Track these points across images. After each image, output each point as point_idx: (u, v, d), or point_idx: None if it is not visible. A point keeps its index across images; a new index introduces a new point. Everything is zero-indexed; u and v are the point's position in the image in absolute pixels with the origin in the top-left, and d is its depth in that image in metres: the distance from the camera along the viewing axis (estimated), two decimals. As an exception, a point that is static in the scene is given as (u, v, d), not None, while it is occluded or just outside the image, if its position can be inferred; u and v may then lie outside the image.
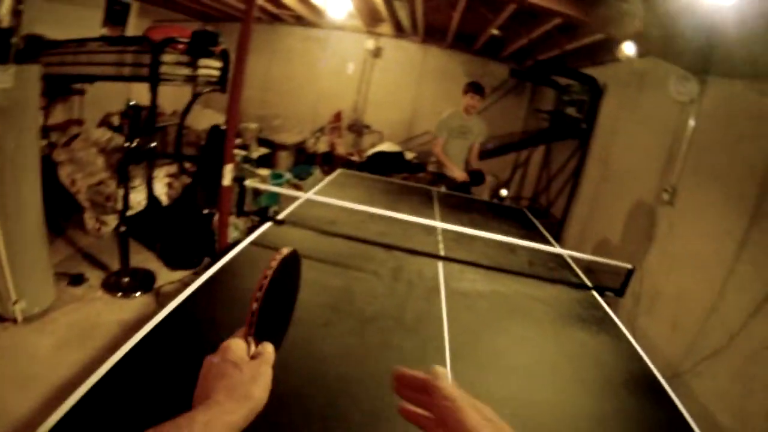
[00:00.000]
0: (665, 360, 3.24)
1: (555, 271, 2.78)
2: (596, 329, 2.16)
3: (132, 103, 5.22)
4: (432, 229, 2.91)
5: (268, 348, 0.70)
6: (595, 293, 2.59)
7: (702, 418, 2.78)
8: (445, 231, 2.88)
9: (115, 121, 5.51)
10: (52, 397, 2.31)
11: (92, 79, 3.73)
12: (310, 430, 1.14)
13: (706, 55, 3.17)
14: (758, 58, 2.71)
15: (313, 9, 6.12)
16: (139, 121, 4.39)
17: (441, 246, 2.72)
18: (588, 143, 5.36)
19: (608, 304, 2.45)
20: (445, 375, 0.62)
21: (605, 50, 4.79)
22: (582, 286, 2.67)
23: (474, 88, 4.40)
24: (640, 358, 1.96)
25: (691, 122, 3.50)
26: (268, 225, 2.45)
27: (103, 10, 5.54)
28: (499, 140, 6.10)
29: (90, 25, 5.36)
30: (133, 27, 5.99)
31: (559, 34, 4.85)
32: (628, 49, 3.91)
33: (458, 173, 4.43)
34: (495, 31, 5.52)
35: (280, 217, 2.60)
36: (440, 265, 2.42)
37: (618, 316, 2.31)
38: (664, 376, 1.81)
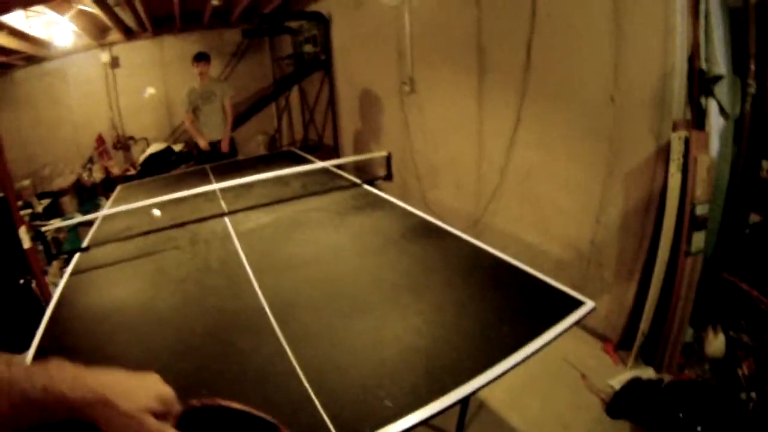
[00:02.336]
0: (463, 214, 3.88)
1: (328, 184, 3.26)
2: (370, 210, 2.68)
3: None
4: (213, 195, 3.23)
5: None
6: (366, 186, 3.12)
7: (513, 242, 3.45)
8: (223, 191, 3.23)
9: None
10: None
11: None
12: (166, 362, 1.50)
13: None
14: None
15: (39, 43, 5.76)
16: None
17: (223, 204, 3.07)
18: (331, 70, 5.94)
19: (390, 192, 2.95)
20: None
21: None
22: (355, 185, 3.18)
23: (195, 57, 4.96)
24: (413, 215, 2.51)
25: (407, 19, 4.09)
26: (77, 256, 2.59)
27: None
28: (255, 98, 6.48)
29: None
30: None
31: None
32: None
33: (202, 142, 5.06)
34: (215, 2, 5.76)
35: (84, 245, 2.74)
36: (227, 219, 2.78)
37: (410, 199, 2.78)
38: (468, 226, 2.27)
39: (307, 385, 1.30)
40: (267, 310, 1.72)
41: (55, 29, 5.50)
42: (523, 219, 3.46)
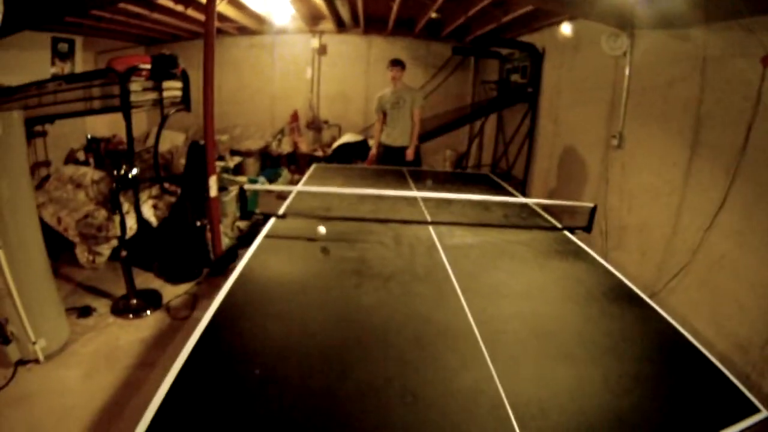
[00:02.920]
0: (640, 284, 3.48)
1: (528, 220, 3.12)
2: (573, 259, 2.53)
3: (89, 136, 5.30)
4: (413, 200, 3.22)
5: None
6: (566, 232, 2.94)
7: (681, 325, 3.14)
8: (425, 200, 3.20)
9: (80, 156, 5.59)
10: (97, 421, 2.40)
11: (59, 117, 3.79)
12: (369, 357, 1.52)
13: (630, 12, 3.51)
14: (670, 11, 3.09)
15: (256, 17, 6.28)
16: (100, 152, 4.48)
17: (425, 213, 3.03)
18: (536, 105, 5.73)
19: (581, 242, 2.80)
20: None
21: (540, 17, 5.15)
22: (554, 228, 3.03)
23: (391, 62, 5.08)
24: (614, 275, 2.36)
25: (627, 73, 3.84)
26: (272, 220, 2.71)
27: (50, 49, 5.58)
28: (452, 114, 6.43)
29: (39, 66, 5.42)
30: (81, 60, 6.03)
31: (493, 9, 5.16)
32: (565, 29, 4.28)
33: (374, 150, 5.29)
34: (434, 14, 5.80)
35: (281, 212, 2.85)
36: (431, 228, 2.73)
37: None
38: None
39: (512, 418, 1.30)
40: (475, 331, 1.70)
41: (274, 8, 5.85)
42: (698, 305, 3.14)
